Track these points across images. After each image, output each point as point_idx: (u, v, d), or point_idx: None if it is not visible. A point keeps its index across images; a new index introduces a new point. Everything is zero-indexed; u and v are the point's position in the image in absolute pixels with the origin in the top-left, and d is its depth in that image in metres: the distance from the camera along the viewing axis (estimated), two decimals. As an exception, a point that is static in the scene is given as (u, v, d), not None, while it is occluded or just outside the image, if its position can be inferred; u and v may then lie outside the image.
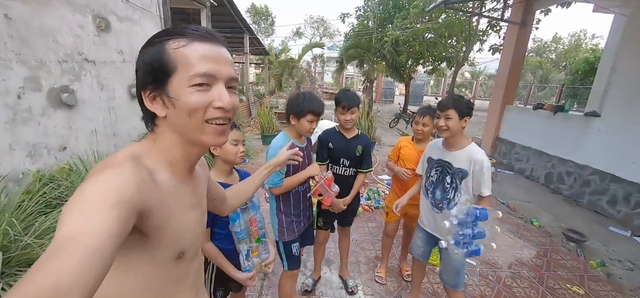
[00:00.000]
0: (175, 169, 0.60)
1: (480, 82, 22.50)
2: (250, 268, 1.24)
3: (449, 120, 1.54)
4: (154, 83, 0.54)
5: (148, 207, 0.50)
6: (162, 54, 0.53)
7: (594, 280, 2.55)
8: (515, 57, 5.95)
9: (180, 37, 0.53)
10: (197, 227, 0.68)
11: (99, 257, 0.37)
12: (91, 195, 0.42)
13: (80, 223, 0.39)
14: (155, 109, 0.55)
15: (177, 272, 0.64)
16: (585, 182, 4.26)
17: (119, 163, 0.50)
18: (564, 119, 4.84)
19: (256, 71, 22.67)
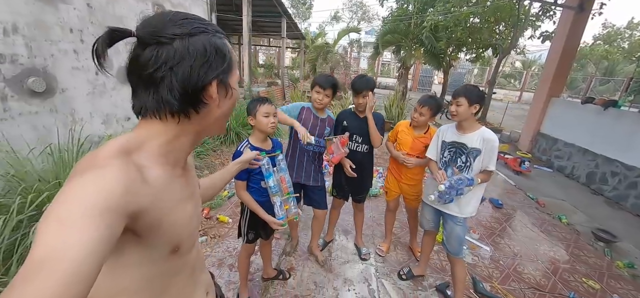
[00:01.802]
0: (169, 162, 0.58)
1: (532, 72, 20.49)
2: (284, 217, 1.54)
3: (460, 106, 1.71)
4: (225, 74, 0.56)
5: (139, 208, 0.47)
6: (227, 48, 0.57)
7: (615, 278, 2.48)
8: (567, 45, 5.50)
9: (228, 40, 0.60)
10: (192, 220, 0.65)
11: (82, 275, 0.35)
12: (72, 203, 0.39)
13: (60, 237, 0.35)
14: (216, 98, 0.56)
15: (173, 266, 0.63)
16: (632, 184, 3.94)
17: (105, 162, 0.46)
18: (615, 116, 4.45)
19: (292, 55, 23.10)
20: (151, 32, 0.51)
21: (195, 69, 0.51)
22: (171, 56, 0.50)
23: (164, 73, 0.51)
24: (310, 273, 2.21)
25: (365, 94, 2.01)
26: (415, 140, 2.16)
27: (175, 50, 0.50)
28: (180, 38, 0.51)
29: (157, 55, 0.50)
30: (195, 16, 0.55)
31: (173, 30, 0.51)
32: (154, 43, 0.50)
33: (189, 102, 0.54)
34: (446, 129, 1.92)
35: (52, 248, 0.34)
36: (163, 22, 0.52)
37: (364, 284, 2.15)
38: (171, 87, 0.51)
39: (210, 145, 4.38)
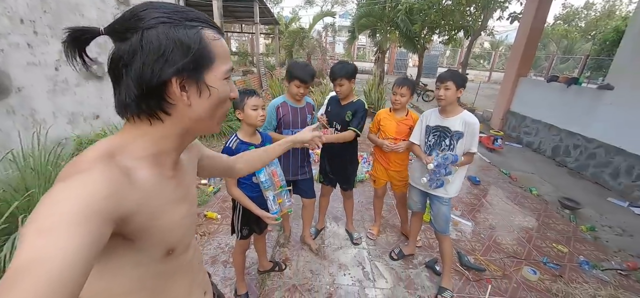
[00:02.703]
0: (159, 163, 0.55)
1: (500, 52, 21.47)
2: (277, 212, 1.52)
3: (448, 90, 1.76)
4: (192, 70, 0.50)
5: (126, 212, 0.45)
6: (203, 41, 0.50)
7: (580, 241, 2.75)
8: (534, 26, 5.78)
9: (212, 29, 0.53)
10: (184, 221, 0.62)
11: (65, 282, 0.34)
12: (53, 210, 0.37)
13: (41, 245, 0.34)
14: (182, 97, 0.50)
15: (168, 269, 0.61)
16: (591, 155, 4.32)
17: (89, 166, 0.44)
18: (577, 92, 4.80)
19: (266, 42, 22.42)
20: (113, 28, 0.48)
21: (148, 65, 0.46)
22: (125, 52, 0.46)
23: (121, 71, 0.47)
24: (305, 262, 2.23)
25: (340, 81, 2.00)
26: (399, 124, 2.20)
27: (129, 45, 0.46)
28: (136, 31, 0.46)
29: (116, 52, 0.48)
30: (165, 4, 0.49)
31: (133, 22, 0.47)
32: (116, 39, 0.48)
33: (150, 102, 0.49)
34: (429, 113, 1.97)
35: (32, 258, 0.33)
36: (127, 15, 0.48)
37: (358, 268, 2.22)
38: (127, 86, 0.48)
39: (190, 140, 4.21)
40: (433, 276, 2.18)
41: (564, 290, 2.13)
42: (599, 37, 14.54)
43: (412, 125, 2.18)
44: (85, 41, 0.49)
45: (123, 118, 0.53)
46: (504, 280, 2.19)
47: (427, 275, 2.19)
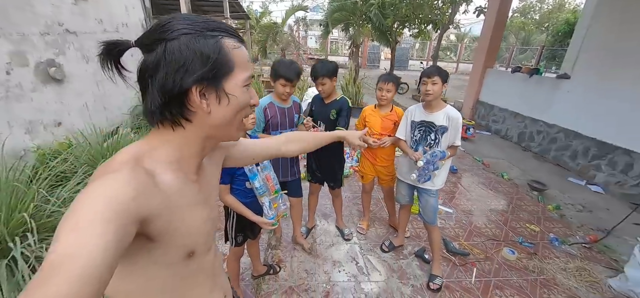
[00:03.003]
0: (182, 167, 0.57)
1: (465, 45, 22.58)
2: (274, 217, 1.48)
3: (435, 85, 1.81)
4: (211, 79, 0.51)
5: (150, 212, 0.48)
6: (222, 50, 0.52)
7: (549, 220, 3.00)
8: (498, 18, 6.11)
9: (232, 37, 0.54)
10: (205, 225, 0.65)
11: (94, 279, 0.36)
12: (87, 208, 0.40)
13: (74, 241, 0.37)
14: (201, 105, 0.52)
15: (189, 270, 0.63)
16: (552, 139, 4.70)
17: (118, 168, 0.47)
18: (538, 82, 5.18)
19: (236, 37, 21.63)
20: (141, 40, 0.51)
21: (170, 75, 0.49)
22: (150, 63, 0.50)
23: (147, 81, 0.51)
24: (299, 262, 2.22)
25: (321, 80, 2.00)
26: (384, 120, 2.24)
27: (154, 56, 0.49)
28: (160, 42, 0.49)
29: (143, 63, 0.51)
30: (189, 16, 0.52)
31: (158, 34, 0.50)
32: (145, 51, 0.51)
33: (174, 110, 0.52)
34: (414, 109, 2.03)
35: (65, 253, 0.36)
36: (153, 28, 0.51)
37: (352, 263, 2.25)
38: (152, 96, 0.51)
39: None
40: (423, 264, 2.28)
41: (539, 266, 2.32)
42: (552, 29, 15.80)
43: (397, 120, 2.23)
44: (118, 53, 0.52)
45: (151, 125, 0.55)
46: (487, 262, 2.33)
47: (417, 264, 2.28)
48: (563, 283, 2.17)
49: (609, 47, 3.98)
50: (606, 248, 2.59)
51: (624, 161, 3.64)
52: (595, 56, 4.16)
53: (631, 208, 3.10)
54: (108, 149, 2.87)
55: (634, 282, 2.06)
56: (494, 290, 2.07)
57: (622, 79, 3.75)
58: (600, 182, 3.89)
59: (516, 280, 2.17)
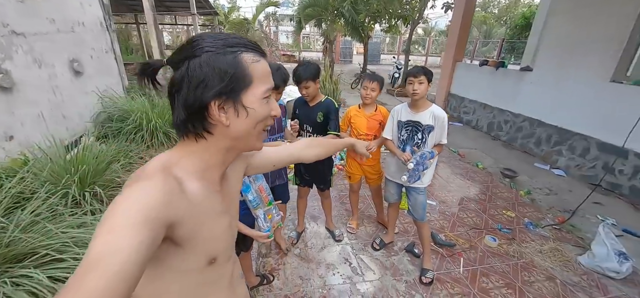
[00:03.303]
0: (206, 177, 0.60)
1: (432, 39, 23.47)
2: (269, 229, 1.42)
3: (422, 84, 1.83)
4: (229, 93, 0.54)
5: (177, 218, 0.51)
6: (240, 65, 0.54)
7: (522, 205, 3.21)
8: (465, 14, 6.38)
9: (252, 52, 0.57)
10: (227, 233, 0.69)
11: (127, 276, 0.40)
12: (121, 212, 0.44)
13: (109, 242, 0.41)
14: (220, 118, 0.55)
15: (211, 277, 0.66)
16: (519, 128, 5.04)
17: (150, 175, 0.51)
18: (504, 74, 5.50)
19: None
20: (171, 59, 0.55)
21: (192, 91, 0.53)
22: (177, 80, 0.54)
23: (173, 97, 0.55)
24: (292, 269, 2.18)
25: (305, 84, 1.95)
26: (370, 120, 2.25)
27: (180, 73, 0.53)
28: (185, 60, 0.53)
29: (170, 80, 0.55)
30: (212, 34, 0.55)
31: (184, 53, 0.54)
32: (174, 68, 0.55)
33: (196, 123, 0.56)
34: (399, 109, 2.05)
35: (102, 251, 0.39)
36: (182, 47, 0.55)
37: (345, 265, 2.24)
38: (178, 110, 0.55)
39: (136, 151, 3.70)
40: (414, 259, 2.33)
41: (518, 250, 2.47)
42: (510, 23, 16.91)
43: (382, 120, 2.25)
44: (153, 72, 0.58)
45: (178, 137, 0.60)
46: (472, 251, 2.44)
47: (408, 259, 2.33)
48: (540, 264, 2.33)
49: (565, 40, 4.31)
50: (573, 228, 2.83)
51: (582, 146, 3.99)
52: (554, 49, 4.50)
53: (590, 189, 3.41)
54: (72, 163, 2.60)
55: (600, 258, 2.26)
56: (480, 278, 2.17)
57: (578, 70, 4.09)
58: (562, 166, 4.23)
59: (500, 266, 2.29)
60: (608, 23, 3.75)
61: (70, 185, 2.35)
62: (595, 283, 2.18)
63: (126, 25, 16.52)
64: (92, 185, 2.54)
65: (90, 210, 2.31)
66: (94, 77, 4.21)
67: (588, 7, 4.02)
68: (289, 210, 2.82)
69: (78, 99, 3.87)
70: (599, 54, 3.83)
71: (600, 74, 3.79)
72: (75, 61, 3.82)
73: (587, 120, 3.93)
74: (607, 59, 3.74)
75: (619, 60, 3.65)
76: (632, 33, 3.53)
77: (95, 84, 4.20)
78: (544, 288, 2.11)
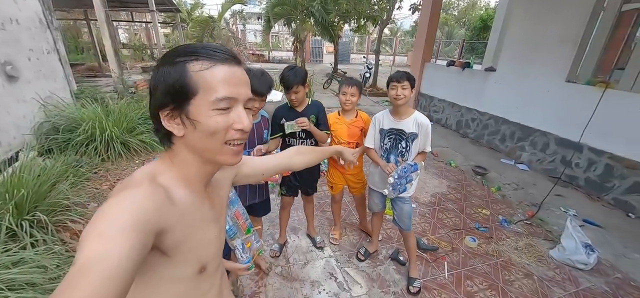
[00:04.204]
0: (191, 186, 0.61)
1: (399, 38, 24.25)
2: (249, 260, 1.24)
3: (405, 89, 1.76)
4: (173, 103, 0.53)
5: (165, 226, 0.51)
6: (184, 76, 0.52)
7: (495, 202, 3.34)
8: (432, 15, 6.58)
9: (203, 59, 0.53)
10: (216, 241, 0.69)
11: (118, 282, 0.39)
12: (109, 218, 0.44)
13: (99, 248, 0.40)
14: (172, 128, 0.55)
15: (201, 286, 0.66)
16: (485, 125, 5.29)
17: (137, 183, 0.52)
18: (469, 74, 5.75)
19: (164, 30, 19.54)
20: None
21: (151, 102, 0.55)
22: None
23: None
24: (275, 291, 2.01)
25: (295, 89, 1.86)
26: (351, 127, 2.17)
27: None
28: (157, 68, 0.54)
29: None
30: (184, 45, 0.55)
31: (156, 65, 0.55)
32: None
33: (158, 132, 0.58)
34: (381, 116, 1.98)
35: (92, 257, 0.39)
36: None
37: (331, 280, 2.13)
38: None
39: (88, 166, 3.27)
40: (399, 267, 2.28)
41: (497, 249, 2.53)
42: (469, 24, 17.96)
43: (363, 127, 2.17)
44: None
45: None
46: (454, 254, 2.46)
47: (394, 268, 2.28)
48: (518, 262, 2.40)
49: (525, 41, 4.59)
50: (541, 222, 2.98)
51: (542, 141, 4.27)
52: (515, 50, 4.77)
53: (551, 182, 3.64)
54: (5, 185, 2.20)
55: (570, 251, 2.38)
56: (465, 281, 2.18)
57: (537, 70, 4.36)
58: (525, 161, 4.50)
59: (481, 267, 2.32)
60: (563, 25, 4.03)
61: (3, 215, 1.97)
62: (567, 276, 2.29)
63: (75, 22, 14.97)
64: (33, 211, 2.16)
65: (30, 243, 1.96)
66: (34, 82, 3.66)
67: (545, 9, 4.30)
68: (267, 223, 2.64)
69: (13, 107, 3.33)
70: (556, 55, 4.11)
71: (557, 74, 4.08)
72: (8, 64, 3.28)
73: (547, 118, 4.21)
74: (562, 60, 4.03)
75: (572, 60, 3.94)
76: (584, 34, 3.82)
77: (34, 90, 3.65)
78: (524, 286, 2.17)
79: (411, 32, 27.02)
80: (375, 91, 9.84)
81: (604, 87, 3.46)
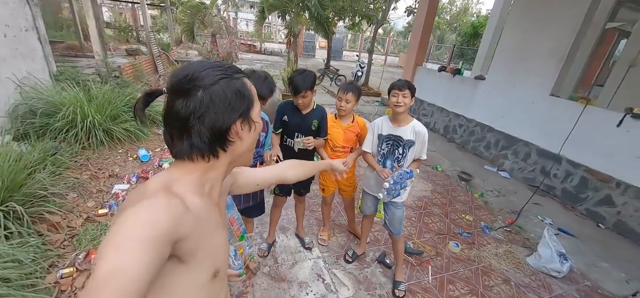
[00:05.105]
0: (206, 192, 0.63)
1: (391, 39, 24.39)
2: (241, 267, 1.23)
3: (405, 97, 1.79)
4: (246, 111, 0.61)
5: (182, 235, 0.52)
6: (246, 87, 0.62)
7: (478, 208, 3.45)
8: (427, 19, 6.64)
9: (246, 77, 0.64)
10: (226, 246, 0.74)
11: (136, 292, 0.41)
12: (128, 231, 0.45)
13: (118, 260, 0.41)
14: (241, 135, 0.62)
15: (213, 291, 0.68)
16: (471, 132, 5.44)
17: (153, 194, 0.52)
18: (460, 81, 5.87)
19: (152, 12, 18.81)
20: (178, 86, 0.57)
21: (220, 114, 0.57)
22: (198, 106, 0.56)
23: (193, 122, 0.56)
24: (262, 291, 2.01)
25: (304, 94, 1.85)
26: (347, 132, 2.17)
27: (200, 100, 0.55)
28: (204, 88, 0.56)
29: (186, 106, 0.56)
30: (214, 63, 0.59)
31: (197, 82, 0.56)
32: (182, 96, 0.56)
33: (217, 144, 0.60)
34: (380, 122, 2.00)
35: (111, 270, 0.40)
36: (187, 74, 0.56)
37: (318, 282, 2.15)
38: (200, 134, 0.57)
39: (67, 154, 3.12)
40: (386, 270, 2.33)
41: (478, 255, 2.63)
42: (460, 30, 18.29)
43: (359, 132, 2.18)
44: (151, 100, 0.61)
45: (180, 159, 0.61)
46: (438, 258, 2.53)
47: (380, 271, 2.32)
48: (497, 268, 2.50)
49: (514, 53, 4.72)
50: (520, 229, 3.11)
51: (524, 151, 4.43)
52: (505, 61, 4.90)
53: (531, 191, 3.80)
54: (-23, 173, 2.07)
55: (546, 259, 2.50)
56: (448, 285, 2.25)
57: (524, 82, 4.51)
58: (507, 169, 4.67)
59: (463, 272, 2.41)
60: (552, 39, 4.17)
61: (-27, 204, 1.86)
62: (541, 283, 2.41)
63: (54, -4, 14.13)
64: (8, 201, 2.05)
65: (4, 235, 1.86)
66: (9, 61, 3.44)
67: (536, 21, 4.43)
68: (257, 222, 2.62)
69: None
70: (543, 68, 4.26)
71: (543, 87, 4.23)
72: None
73: (530, 129, 4.37)
74: (549, 73, 4.18)
75: (558, 74, 4.10)
76: (570, 49, 3.97)
77: (10, 70, 3.43)
78: (502, 292, 2.26)
79: (404, 33, 27.25)
80: (366, 91, 9.89)
81: (585, 103, 3.62)
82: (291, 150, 2.01)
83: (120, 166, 3.38)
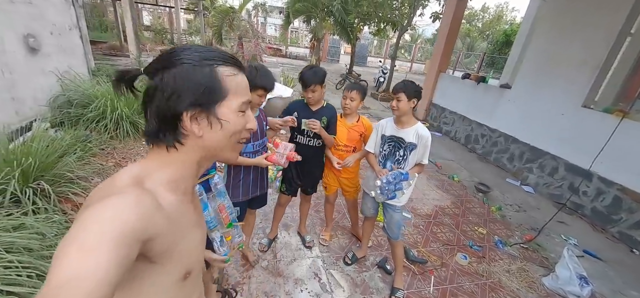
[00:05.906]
0: (179, 188, 0.59)
1: (418, 46, 23.89)
2: (227, 252, 1.27)
3: (400, 101, 1.77)
4: (202, 105, 0.55)
5: (152, 234, 0.48)
6: (215, 78, 0.55)
7: (493, 221, 3.27)
8: (452, 25, 6.47)
9: (230, 66, 0.58)
10: (201, 246, 0.69)
11: (100, 296, 0.36)
12: (92, 229, 0.40)
13: (80, 263, 0.37)
14: (193, 129, 0.55)
15: (184, 292, 0.64)
16: (494, 143, 5.17)
17: (121, 189, 0.48)
18: (484, 89, 5.62)
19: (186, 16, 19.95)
20: (148, 68, 0.55)
21: (164, 101, 0.53)
22: (151, 89, 0.54)
23: (147, 105, 0.55)
24: (258, 284, 2.05)
25: (314, 88, 1.89)
26: (351, 131, 2.17)
27: (154, 83, 0.54)
28: (160, 71, 0.53)
29: (145, 89, 0.55)
30: (193, 47, 0.56)
31: (160, 63, 0.54)
32: (150, 78, 0.55)
33: (168, 133, 0.55)
34: (385, 123, 1.99)
35: (69, 275, 0.36)
36: (161, 57, 0.55)
37: (314, 280, 2.15)
38: (150, 118, 0.55)
39: (96, 142, 3.40)
40: (385, 276, 2.27)
41: (487, 270, 2.48)
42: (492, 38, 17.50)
43: (363, 132, 2.17)
44: (131, 79, 0.57)
45: (147, 145, 0.59)
46: (443, 269, 2.42)
47: (380, 276, 2.27)
48: (507, 285, 2.35)
49: (544, 62, 4.45)
50: (539, 247, 2.90)
51: (551, 165, 4.13)
52: (533, 69, 4.63)
53: (556, 207, 3.53)
54: (15, 153, 2.32)
55: (564, 280, 2.31)
56: (449, 297, 2.15)
57: (553, 92, 4.22)
58: (531, 183, 4.37)
59: (469, 286, 2.29)
60: (585, 47, 3.88)
61: (9, 180, 2.08)
62: (557, 307, 2.23)
63: (102, 0, 15.52)
64: (38, 179, 2.27)
65: (32, 210, 2.06)
66: (54, 56, 3.83)
67: (569, 28, 4.15)
68: (260, 217, 2.68)
69: (32, 79, 3.49)
70: (574, 78, 3.97)
71: (574, 98, 3.93)
72: (31, 37, 3.44)
73: (558, 141, 4.07)
74: (580, 84, 3.88)
75: (591, 85, 3.80)
76: (606, 59, 3.67)
77: (54, 64, 3.81)
78: (510, 311, 2.12)
79: (432, 40, 26.58)
80: (387, 97, 9.74)
81: (622, 116, 3.32)
82: (301, 146, 2.03)
83: (142, 157, 3.61)
